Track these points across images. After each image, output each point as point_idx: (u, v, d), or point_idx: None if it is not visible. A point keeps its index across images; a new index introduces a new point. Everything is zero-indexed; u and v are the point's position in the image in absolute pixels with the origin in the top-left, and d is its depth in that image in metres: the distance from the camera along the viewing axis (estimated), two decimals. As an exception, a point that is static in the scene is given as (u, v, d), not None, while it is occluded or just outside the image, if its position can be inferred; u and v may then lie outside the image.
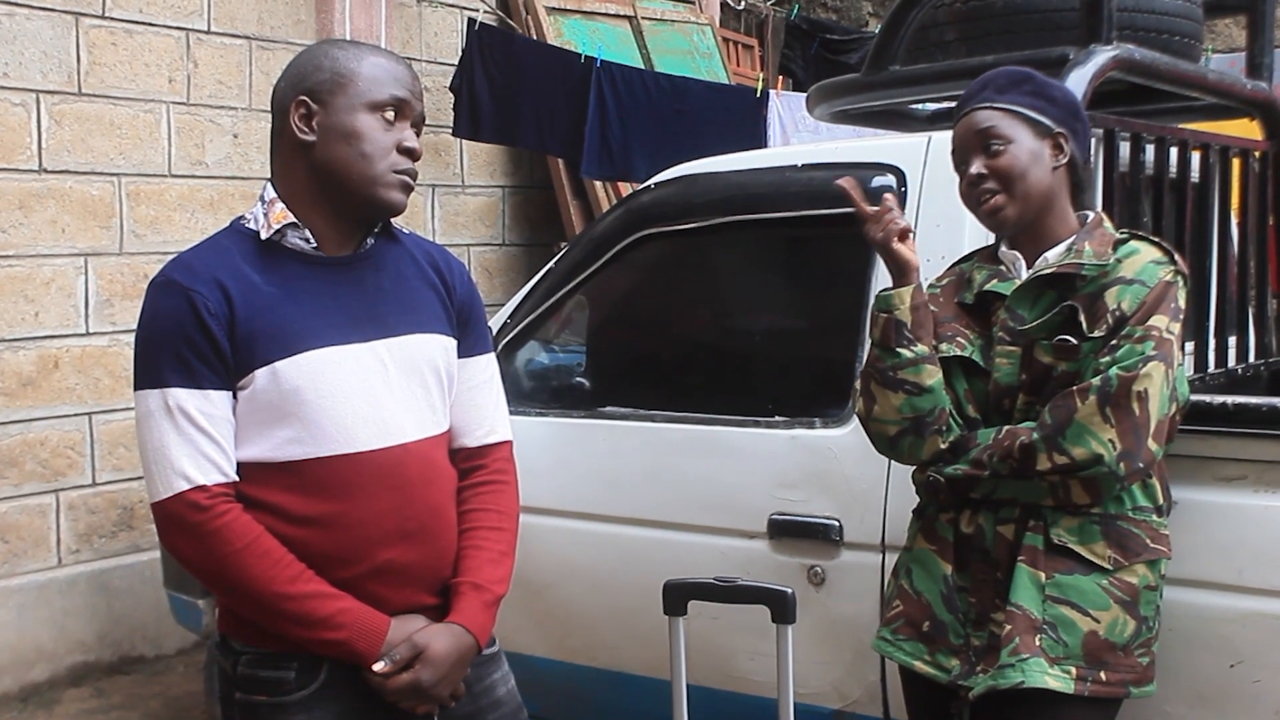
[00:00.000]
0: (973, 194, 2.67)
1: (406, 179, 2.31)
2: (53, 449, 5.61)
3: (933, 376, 2.62)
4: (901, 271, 2.65)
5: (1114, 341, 2.52)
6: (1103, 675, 2.52)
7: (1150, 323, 2.52)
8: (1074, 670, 2.51)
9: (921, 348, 2.62)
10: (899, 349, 2.62)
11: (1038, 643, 2.52)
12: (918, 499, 2.83)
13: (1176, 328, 2.54)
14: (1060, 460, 2.49)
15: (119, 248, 5.81)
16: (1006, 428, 2.58)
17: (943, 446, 2.63)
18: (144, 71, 5.88)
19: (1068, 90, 2.76)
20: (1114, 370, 2.47)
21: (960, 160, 2.70)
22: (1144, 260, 2.60)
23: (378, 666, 2.25)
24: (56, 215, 5.58)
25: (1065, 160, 2.67)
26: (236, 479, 2.24)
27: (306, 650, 2.26)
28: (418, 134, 2.35)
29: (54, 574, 5.64)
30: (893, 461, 3.13)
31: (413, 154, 2.31)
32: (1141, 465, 2.50)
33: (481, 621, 2.37)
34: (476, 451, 2.50)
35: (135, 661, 5.86)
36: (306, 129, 2.28)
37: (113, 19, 5.74)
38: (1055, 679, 2.50)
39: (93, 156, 5.69)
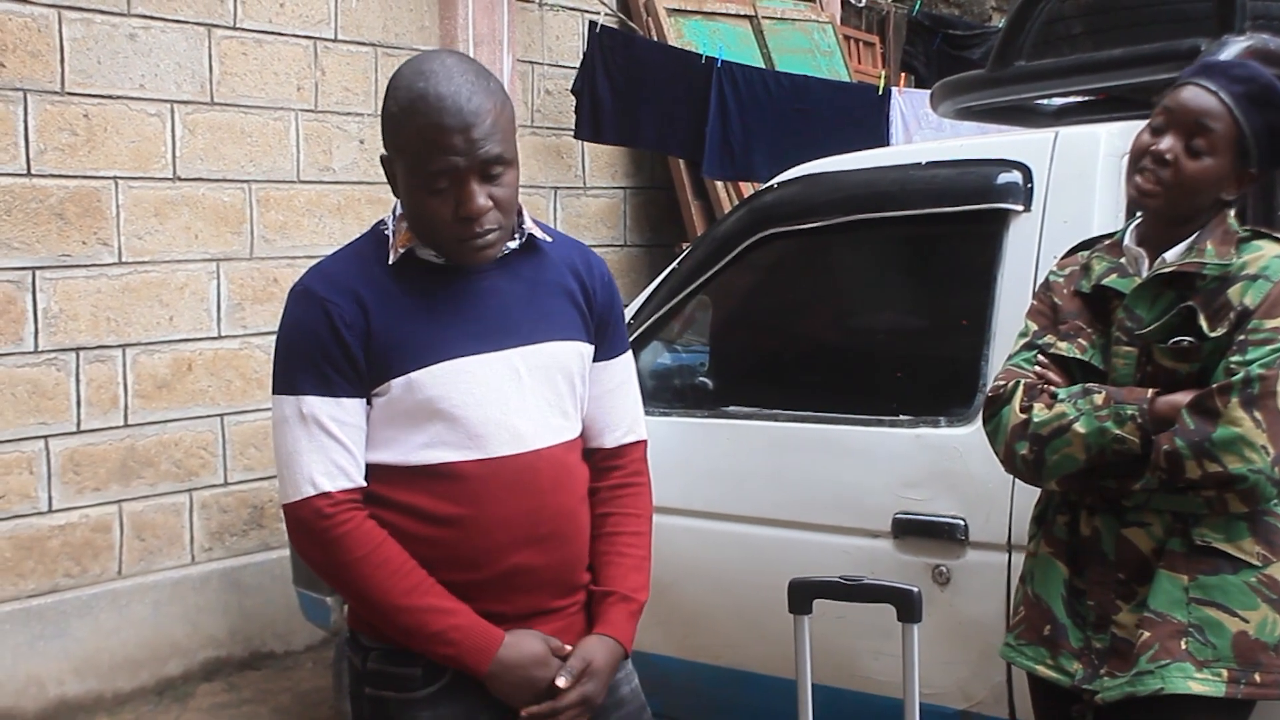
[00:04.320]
0: (1141, 161, 2.57)
1: (471, 244, 2.24)
2: (186, 449, 5.74)
3: None
4: None
5: (1241, 338, 2.45)
6: (1257, 677, 2.47)
7: (1279, 321, 2.45)
8: (1225, 673, 2.45)
9: None
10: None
11: (1184, 646, 2.47)
12: (1038, 502, 2.80)
13: None
14: (1213, 469, 2.41)
15: (249, 253, 5.92)
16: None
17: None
18: (273, 80, 5.99)
19: None
20: (1256, 369, 2.40)
21: (1163, 119, 2.56)
22: (1268, 256, 2.53)
23: (560, 681, 2.29)
24: (190, 222, 5.71)
25: (1235, 196, 2.60)
26: (364, 484, 2.28)
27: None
28: (498, 169, 2.22)
29: (188, 571, 5.77)
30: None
31: (472, 215, 2.20)
32: None
33: (629, 632, 2.43)
34: (614, 452, 2.52)
35: (265, 657, 5.97)
36: (395, 187, 2.29)
37: (243, 29, 5.86)
38: (1201, 683, 2.45)
39: (224, 164, 5.82)
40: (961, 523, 3.23)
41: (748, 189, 7.25)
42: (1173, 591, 2.50)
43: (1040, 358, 2.69)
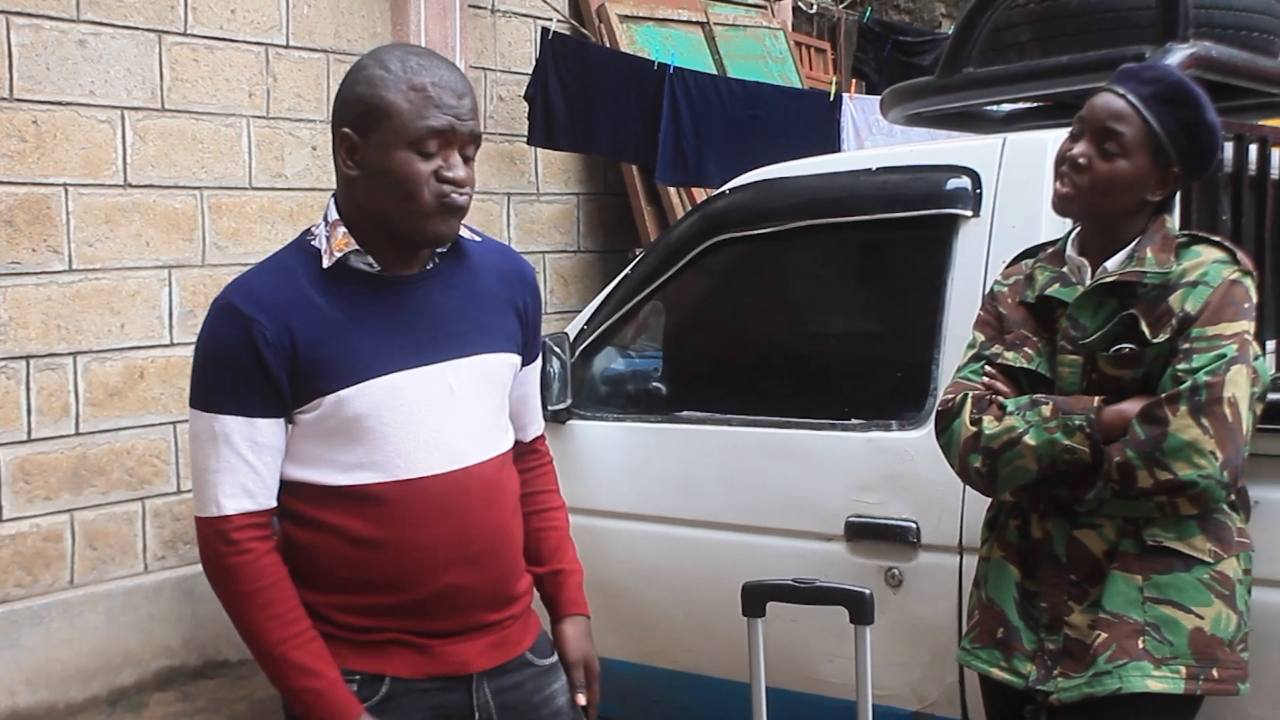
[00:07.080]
0: (1059, 168, 2.63)
1: (450, 202, 2.20)
2: (139, 458, 5.71)
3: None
4: None
5: (1186, 346, 2.49)
6: (1215, 672, 2.50)
7: (1221, 327, 2.48)
8: (1184, 669, 2.49)
9: None
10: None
11: (1141, 645, 2.50)
12: (990, 506, 2.83)
13: (1250, 325, 2.51)
14: (1164, 477, 2.45)
15: (201, 259, 5.90)
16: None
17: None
18: (225, 86, 5.97)
19: (1218, 135, 2.63)
20: (1202, 377, 2.44)
21: (1078, 127, 2.62)
22: (1207, 262, 2.57)
23: (581, 700, 2.46)
24: (141, 229, 5.67)
25: (1161, 196, 2.63)
26: (272, 506, 2.24)
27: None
28: (473, 152, 2.24)
29: (141, 580, 5.73)
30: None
31: (456, 182, 2.19)
32: (1238, 467, 2.47)
33: (585, 601, 2.57)
34: (529, 445, 2.59)
35: (219, 666, 5.93)
36: (351, 163, 2.22)
37: (194, 36, 5.83)
38: (1160, 681, 2.48)
39: (176, 171, 5.78)
40: (913, 525, 3.25)
41: (700, 195, 7.27)
42: (1128, 592, 2.53)
43: (988, 368, 2.72)
